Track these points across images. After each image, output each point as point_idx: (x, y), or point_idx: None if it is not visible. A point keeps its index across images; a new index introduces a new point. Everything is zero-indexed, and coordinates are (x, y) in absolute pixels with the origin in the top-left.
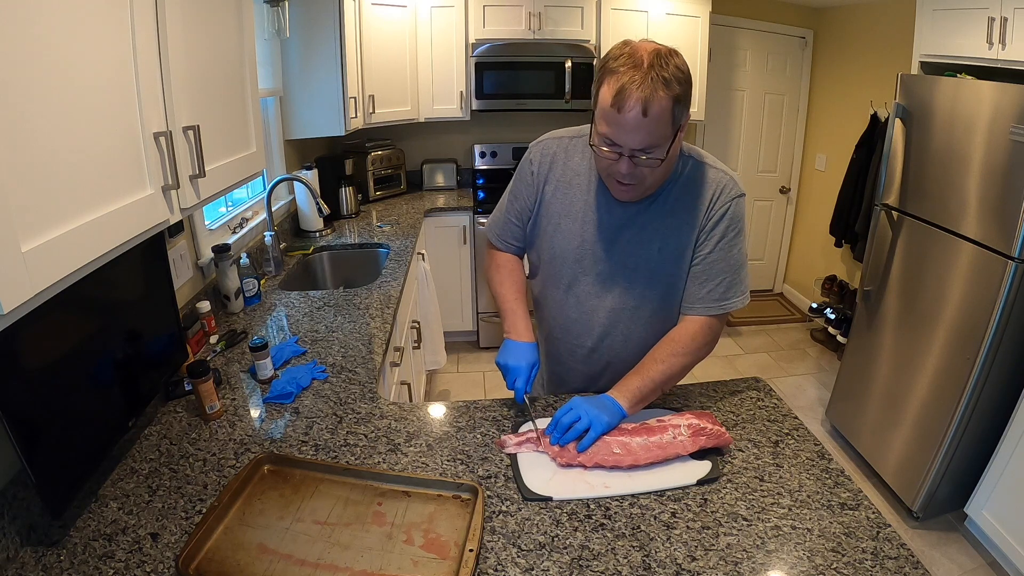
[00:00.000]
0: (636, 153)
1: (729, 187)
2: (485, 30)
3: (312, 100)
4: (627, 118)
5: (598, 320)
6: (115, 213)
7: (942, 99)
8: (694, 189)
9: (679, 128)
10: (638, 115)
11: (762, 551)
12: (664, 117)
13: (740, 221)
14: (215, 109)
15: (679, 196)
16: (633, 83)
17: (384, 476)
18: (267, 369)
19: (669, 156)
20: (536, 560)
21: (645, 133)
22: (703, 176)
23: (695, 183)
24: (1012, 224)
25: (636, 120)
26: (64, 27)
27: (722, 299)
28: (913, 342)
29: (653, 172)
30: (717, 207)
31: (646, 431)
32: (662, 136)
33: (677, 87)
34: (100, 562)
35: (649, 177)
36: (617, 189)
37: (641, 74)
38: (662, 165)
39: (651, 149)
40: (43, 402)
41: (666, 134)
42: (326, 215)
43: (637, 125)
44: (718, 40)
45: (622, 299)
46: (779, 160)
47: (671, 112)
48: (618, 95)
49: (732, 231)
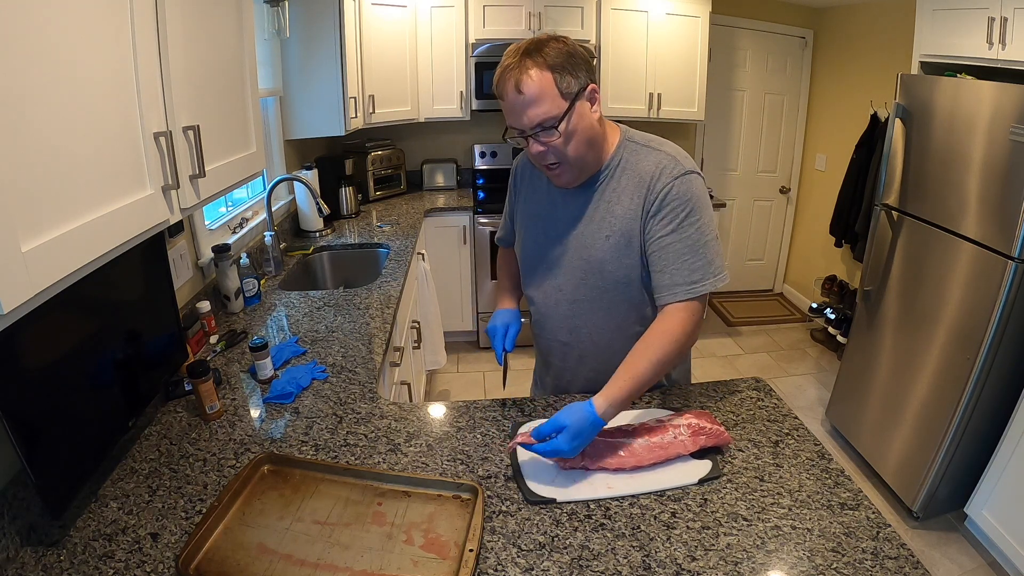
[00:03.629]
0: (534, 131)
1: (670, 167)
2: (485, 30)
3: (312, 100)
4: (508, 101)
5: (563, 313)
6: (115, 213)
7: (942, 99)
8: (634, 174)
9: (575, 98)
10: (515, 95)
11: (762, 551)
12: (544, 91)
13: (690, 200)
14: (215, 109)
15: (620, 182)
16: (505, 69)
17: (384, 476)
18: (267, 369)
19: (573, 128)
20: (536, 560)
21: (532, 109)
22: (645, 158)
23: (634, 168)
24: (1012, 224)
25: (515, 100)
26: (64, 28)
27: (689, 283)
28: (913, 342)
29: (567, 147)
30: (658, 189)
31: (647, 431)
32: (550, 108)
33: (553, 60)
34: (100, 562)
35: (569, 153)
36: (552, 176)
37: (513, 60)
38: (575, 139)
39: (545, 123)
40: (43, 402)
41: (555, 106)
42: (326, 215)
43: (518, 104)
44: (718, 40)
45: (581, 291)
46: (779, 160)
47: (553, 84)
48: (497, 84)
49: (683, 211)
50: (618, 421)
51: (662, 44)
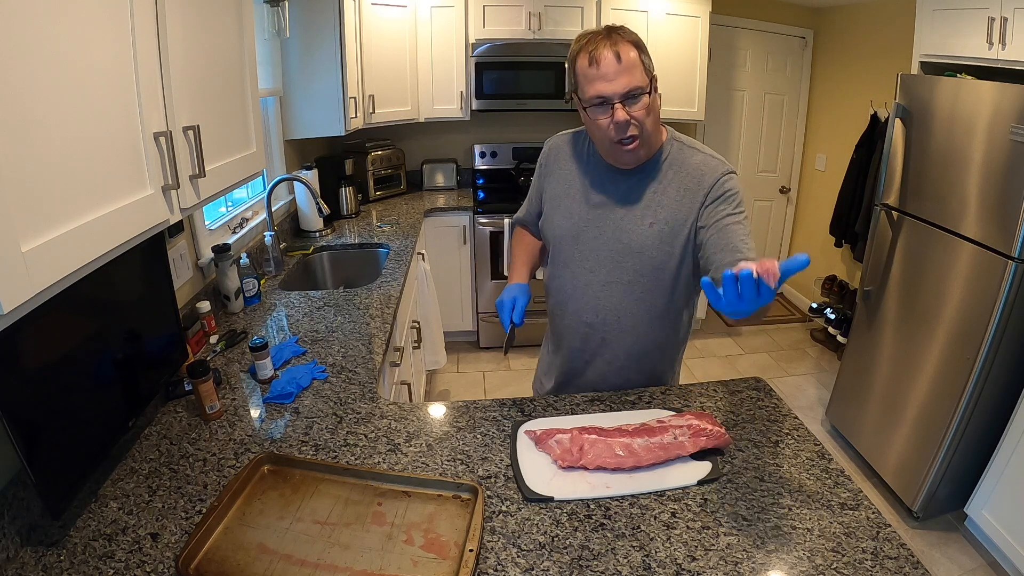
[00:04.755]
0: (625, 100)
1: (720, 166)
2: (485, 30)
3: (312, 100)
4: (606, 69)
5: (592, 294)
6: (115, 213)
7: (942, 99)
8: (684, 169)
9: (652, 79)
10: (614, 62)
11: (762, 551)
12: (636, 63)
13: (740, 195)
14: (215, 109)
15: (669, 174)
16: (600, 43)
17: (384, 476)
18: (267, 369)
19: (652, 103)
20: (536, 560)
21: (626, 76)
22: (691, 157)
23: (684, 163)
24: (1012, 224)
25: (614, 67)
26: (64, 27)
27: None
28: (913, 342)
29: (647, 119)
30: (712, 182)
31: (647, 432)
32: (640, 79)
33: (637, 40)
34: (100, 562)
35: (647, 127)
36: (621, 153)
37: (603, 36)
38: (652, 114)
39: (635, 92)
40: (43, 402)
41: (642, 79)
42: (326, 215)
43: (617, 71)
44: (718, 40)
45: (614, 274)
46: (779, 160)
47: (640, 60)
48: (592, 56)
49: (735, 201)
50: (618, 421)
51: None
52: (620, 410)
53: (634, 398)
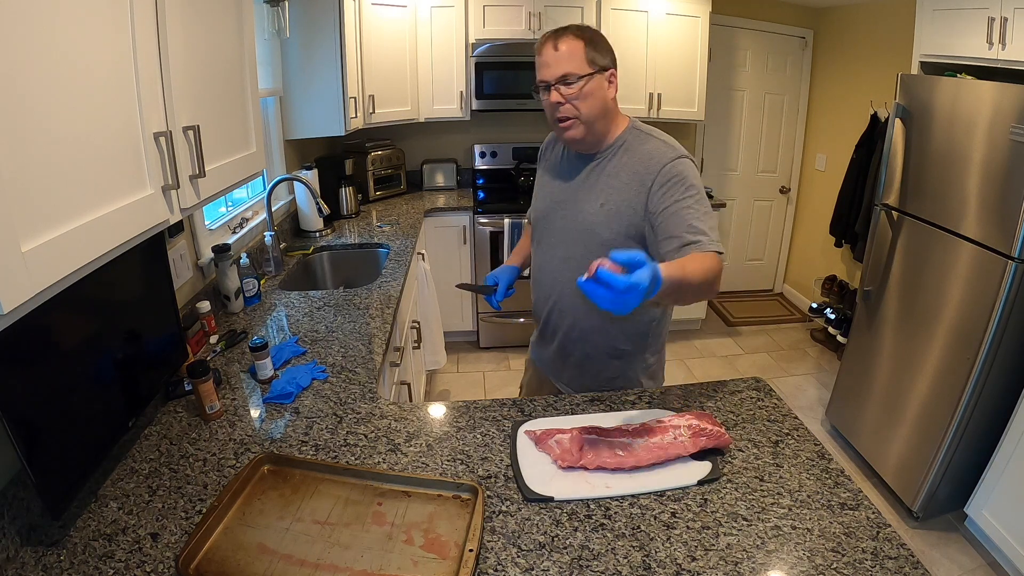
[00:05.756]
0: (557, 84)
1: (668, 151)
2: (485, 30)
3: (312, 100)
4: (546, 58)
5: (553, 268)
6: (115, 213)
7: (942, 99)
8: (636, 154)
9: (597, 70)
10: (552, 52)
11: (762, 551)
12: (576, 52)
13: (688, 177)
14: (215, 109)
15: (624, 159)
16: (548, 37)
17: (384, 476)
18: (267, 369)
19: (589, 91)
20: (536, 560)
21: (563, 63)
22: (645, 143)
23: (637, 149)
24: (1012, 224)
25: (552, 56)
26: (64, 28)
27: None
28: (913, 342)
29: (582, 104)
30: (658, 167)
31: (647, 432)
32: (577, 67)
33: (588, 35)
34: (100, 562)
35: (582, 110)
36: (560, 133)
37: (552, 32)
38: (589, 100)
39: (568, 77)
40: (43, 402)
41: (579, 67)
42: (326, 215)
43: (555, 58)
44: (718, 40)
45: (570, 250)
46: (779, 160)
47: (583, 51)
48: (538, 49)
49: (681, 184)
50: (618, 421)
51: (662, 44)
52: (620, 410)
53: (634, 398)
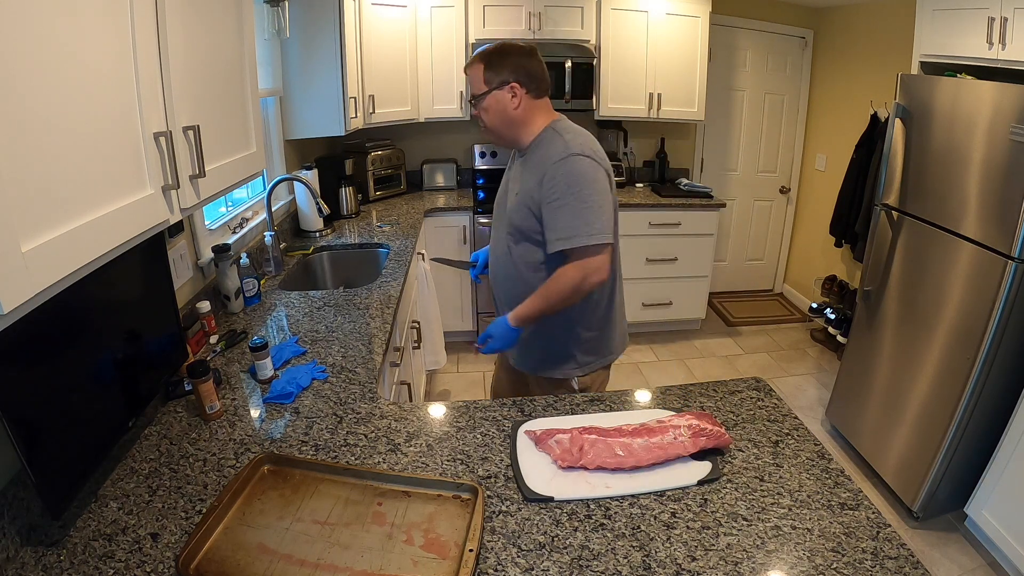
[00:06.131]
0: (472, 102)
1: (562, 151)
2: (485, 30)
3: (312, 100)
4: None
5: (494, 246)
6: (115, 213)
7: (942, 99)
8: (542, 153)
9: (493, 88)
10: (465, 74)
11: (762, 551)
12: (476, 75)
13: (570, 175)
14: (215, 109)
15: (536, 155)
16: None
17: (384, 476)
18: (267, 369)
19: (487, 105)
20: (536, 560)
21: (469, 85)
22: (552, 141)
23: (543, 150)
24: (1012, 224)
25: (466, 77)
26: (64, 28)
27: (566, 237)
28: (913, 342)
29: (485, 117)
30: (548, 166)
31: (647, 432)
32: (475, 87)
33: (487, 60)
34: (100, 562)
35: (487, 121)
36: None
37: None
38: (491, 113)
39: (473, 97)
40: (43, 402)
41: (478, 87)
42: (326, 215)
43: (467, 81)
44: (718, 40)
45: (501, 230)
46: (779, 160)
47: (482, 73)
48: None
49: (563, 183)
50: (618, 421)
51: (662, 44)
52: (620, 410)
53: (634, 398)
